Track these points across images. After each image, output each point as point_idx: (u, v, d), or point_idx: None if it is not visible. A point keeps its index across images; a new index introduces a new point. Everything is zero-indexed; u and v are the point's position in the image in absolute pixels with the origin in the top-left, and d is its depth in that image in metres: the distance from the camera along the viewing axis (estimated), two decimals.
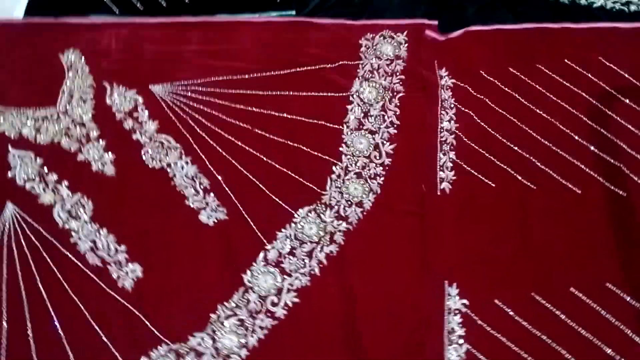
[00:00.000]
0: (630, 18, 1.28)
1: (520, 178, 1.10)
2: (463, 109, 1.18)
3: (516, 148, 1.14)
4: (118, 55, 1.30)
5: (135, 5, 1.37)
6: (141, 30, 1.33)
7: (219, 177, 1.15)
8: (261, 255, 1.07)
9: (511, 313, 0.99)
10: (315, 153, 1.17)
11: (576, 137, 1.13)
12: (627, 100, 1.16)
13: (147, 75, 1.27)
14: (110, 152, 1.18)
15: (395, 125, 1.19)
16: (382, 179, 1.13)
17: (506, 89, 1.20)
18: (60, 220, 1.11)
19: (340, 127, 1.20)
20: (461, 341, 0.98)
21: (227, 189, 1.14)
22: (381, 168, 1.14)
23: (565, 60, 1.22)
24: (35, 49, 1.31)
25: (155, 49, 1.30)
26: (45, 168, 1.16)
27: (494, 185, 1.10)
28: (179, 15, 1.35)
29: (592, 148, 1.12)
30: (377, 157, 1.16)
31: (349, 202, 1.11)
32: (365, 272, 1.04)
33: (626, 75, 1.19)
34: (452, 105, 1.19)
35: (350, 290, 1.02)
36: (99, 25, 1.33)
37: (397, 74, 1.24)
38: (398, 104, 1.21)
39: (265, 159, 1.17)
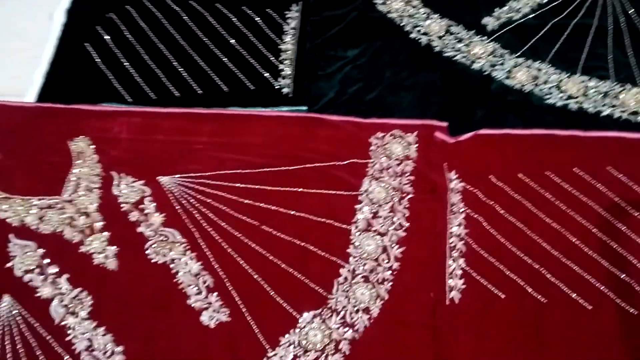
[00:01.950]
0: (637, 127, 1.30)
1: (530, 291, 1.08)
2: (473, 214, 1.18)
3: (526, 258, 1.12)
4: (128, 144, 1.30)
5: (148, 94, 1.39)
6: (153, 120, 1.33)
7: (223, 276, 1.13)
8: None
9: None
10: (323, 254, 1.15)
11: (587, 250, 1.12)
12: (637, 214, 1.16)
13: (156, 165, 1.27)
14: (113, 245, 1.16)
15: (404, 228, 1.17)
16: (390, 284, 1.11)
17: (516, 195, 1.20)
18: (57, 315, 1.08)
19: (349, 227, 1.18)
20: None
21: (230, 288, 1.12)
22: (389, 272, 1.12)
23: (574, 169, 1.23)
24: (44, 134, 1.31)
25: (165, 139, 1.31)
26: (47, 259, 1.14)
27: (503, 296, 1.08)
28: (191, 106, 1.36)
29: (603, 262, 1.11)
30: (386, 261, 1.14)
31: (356, 308, 1.09)
32: None
33: (635, 188, 1.19)
34: (462, 210, 1.18)
35: None
36: (111, 113, 1.34)
37: (407, 174, 1.24)
38: (407, 205, 1.20)
39: (271, 257, 1.15)
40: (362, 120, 1.33)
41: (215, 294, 1.11)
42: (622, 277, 1.09)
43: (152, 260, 1.15)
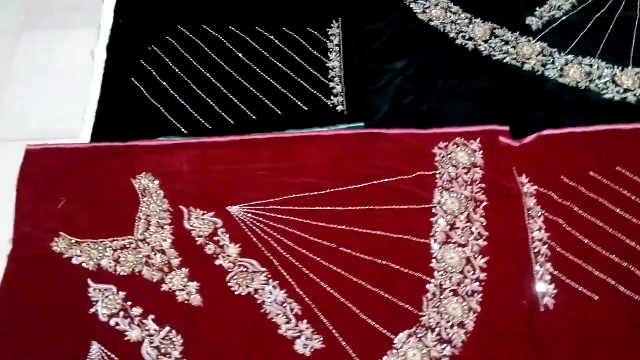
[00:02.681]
0: None
1: (622, 289, 1.08)
2: (551, 216, 1.17)
3: (613, 257, 1.11)
4: (191, 177, 1.29)
5: (203, 124, 1.37)
6: (212, 150, 1.32)
7: (310, 302, 1.11)
8: None
9: None
10: (407, 270, 1.14)
11: None
12: None
13: (222, 196, 1.25)
14: (194, 281, 1.15)
15: (484, 237, 1.16)
16: (481, 295, 1.10)
17: (591, 194, 1.19)
18: (150, 357, 1.06)
19: (427, 241, 1.17)
20: None
21: (319, 314, 1.10)
22: (477, 284, 1.11)
23: None
24: (104, 174, 1.30)
25: (226, 168, 1.29)
26: (129, 301, 1.13)
27: (597, 297, 1.07)
28: (247, 132, 1.35)
29: None
30: (471, 272, 1.13)
31: (450, 323, 1.08)
32: None
33: None
34: (539, 214, 1.18)
35: None
36: (169, 147, 1.33)
37: (477, 182, 1.23)
38: (483, 214, 1.19)
39: (355, 279, 1.14)
40: (422, 132, 1.32)
41: (305, 321, 1.09)
42: None
43: (236, 292, 1.13)
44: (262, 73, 1.44)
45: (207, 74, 1.45)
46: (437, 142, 1.30)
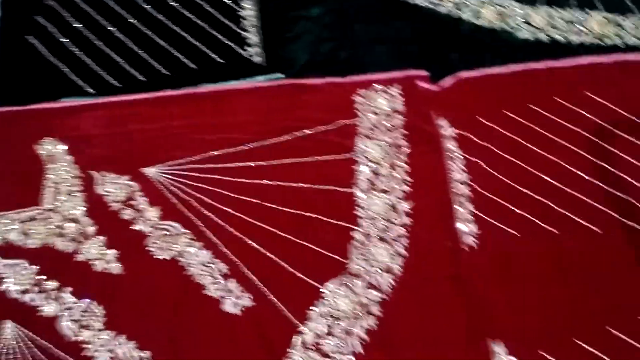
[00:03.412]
0: (606, 51, 1.33)
1: (542, 224, 1.11)
2: (471, 158, 1.18)
3: (531, 193, 1.14)
4: (102, 139, 1.22)
5: (111, 83, 1.29)
6: (123, 110, 1.25)
7: (236, 260, 1.09)
8: (298, 339, 1.01)
9: None
10: (332, 220, 1.13)
11: (584, 176, 1.15)
12: (623, 134, 1.20)
13: (138, 157, 1.19)
14: (112, 249, 1.09)
15: (407, 183, 1.17)
16: (406, 240, 1.11)
17: (507, 133, 1.21)
18: (70, 332, 1.01)
19: (351, 189, 1.17)
20: None
21: (246, 272, 1.08)
22: (402, 229, 1.12)
23: (555, 98, 1.25)
24: (6, 141, 1.20)
25: (141, 128, 1.23)
26: (42, 275, 1.06)
27: (519, 235, 1.10)
28: (160, 89, 1.28)
29: (601, 185, 1.14)
30: (396, 218, 1.13)
31: (377, 269, 1.08)
32: (409, 344, 1.01)
33: (616, 109, 1.23)
34: (460, 156, 1.19)
35: None
36: (75, 108, 1.24)
37: (398, 128, 1.23)
38: (406, 159, 1.19)
39: (281, 233, 1.12)
40: (341, 80, 1.29)
41: (234, 280, 1.07)
42: (622, 197, 1.13)
43: (158, 257, 1.09)
44: (171, 24, 1.36)
45: (111, 28, 1.35)
46: (356, 90, 1.28)
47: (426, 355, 1.00)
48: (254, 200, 1.15)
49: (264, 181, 1.18)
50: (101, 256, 1.08)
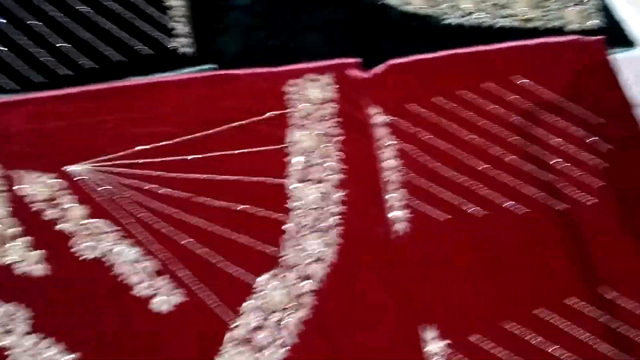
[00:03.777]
0: (531, 34, 1.35)
1: (471, 208, 1.12)
2: (402, 145, 1.19)
3: (461, 177, 1.16)
4: (25, 137, 1.18)
5: (30, 79, 1.24)
6: (46, 106, 1.21)
7: (165, 258, 1.07)
8: (228, 334, 1.01)
9: (488, 346, 1.00)
10: (263, 213, 1.12)
11: (513, 157, 1.17)
12: (548, 115, 1.22)
13: (64, 155, 1.16)
14: (37, 250, 1.06)
15: (340, 171, 1.17)
16: (340, 228, 1.11)
17: (436, 119, 1.22)
18: None
19: (283, 180, 1.16)
20: None
21: (176, 268, 1.06)
22: (335, 218, 1.12)
23: (483, 84, 1.26)
24: None
25: (67, 124, 1.19)
26: None
27: (450, 216, 1.11)
28: (85, 83, 1.24)
29: (528, 166, 1.16)
30: (330, 207, 1.13)
31: (310, 260, 1.08)
32: (345, 330, 1.01)
33: (541, 91, 1.25)
34: (391, 143, 1.19)
35: (336, 354, 0.99)
36: None
37: (331, 117, 1.22)
38: (338, 148, 1.19)
39: (211, 228, 1.10)
40: (272, 70, 1.28)
41: (164, 277, 1.05)
42: (548, 177, 1.15)
43: (83, 257, 1.06)
44: (93, 16, 1.32)
45: (31, 22, 1.30)
46: (287, 80, 1.27)
47: (360, 340, 1.01)
48: (185, 195, 1.13)
49: (195, 175, 1.16)
50: (24, 258, 1.05)
